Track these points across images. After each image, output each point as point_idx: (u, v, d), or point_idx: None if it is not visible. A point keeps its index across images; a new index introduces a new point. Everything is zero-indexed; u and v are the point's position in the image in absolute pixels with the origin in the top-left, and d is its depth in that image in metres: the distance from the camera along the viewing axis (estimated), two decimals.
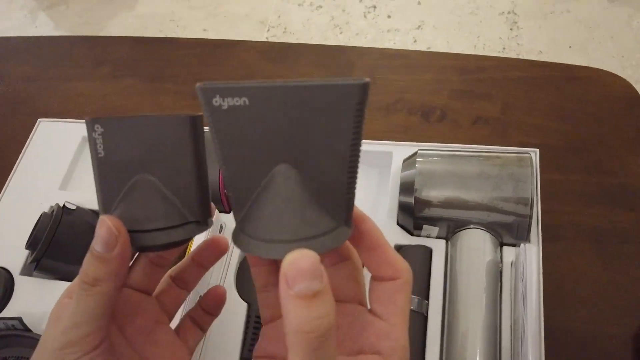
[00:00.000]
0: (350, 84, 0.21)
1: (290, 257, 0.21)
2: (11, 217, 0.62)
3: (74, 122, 0.69)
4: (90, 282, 0.25)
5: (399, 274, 0.27)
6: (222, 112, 0.23)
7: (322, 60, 0.76)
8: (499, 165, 0.51)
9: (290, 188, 0.24)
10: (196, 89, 0.23)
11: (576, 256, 0.54)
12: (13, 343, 0.51)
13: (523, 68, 0.70)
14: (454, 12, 1.72)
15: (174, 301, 0.33)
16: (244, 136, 0.23)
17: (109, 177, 0.27)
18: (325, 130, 0.23)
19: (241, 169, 0.24)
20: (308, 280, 0.21)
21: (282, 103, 0.22)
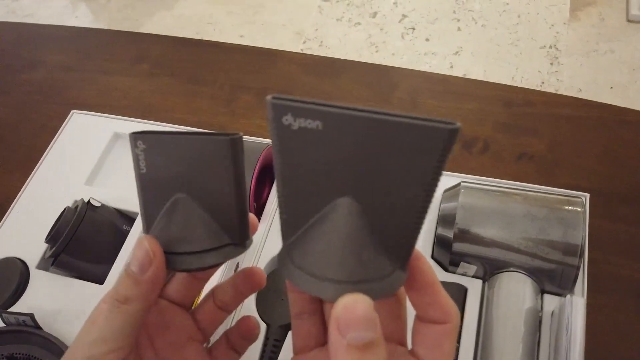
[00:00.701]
0: (440, 127, 0.19)
1: (344, 301, 0.20)
2: (34, 207, 0.61)
3: (107, 117, 0.68)
4: (121, 300, 0.25)
5: (448, 318, 0.25)
6: (291, 132, 0.21)
7: (364, 78, 0.74)
8: (548, 207, 0.48)
9: (351, 224, 0.22)
10: (266, 101, 0.20)
11: (619, 313, 0.51)
12: (22, 340, 0.50)
13: (573, 106, 0.67)
14: (494, 41, 1.70)
15: (212, 320, 0.32)
16: (310, 160, 0.21)
17: (151, 194, 0.27)
18: (402, 169, 0.21)
19: (300, 193, 0.23)
20: (362, 330, 0.19)
21: (360, 134, 0.20)
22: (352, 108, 0.20)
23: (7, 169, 0.71)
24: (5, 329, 0.50)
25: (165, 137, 0.25)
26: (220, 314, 0.32)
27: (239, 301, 0.33)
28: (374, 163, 0.21)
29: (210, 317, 0.32)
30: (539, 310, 0.47)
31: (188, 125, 0.67)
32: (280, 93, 0.21)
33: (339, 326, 0.19)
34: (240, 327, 0.33)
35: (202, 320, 0.32)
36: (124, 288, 0.26)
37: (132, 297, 0.25)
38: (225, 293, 0.32)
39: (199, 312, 0.32)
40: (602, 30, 1.67)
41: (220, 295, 0.32)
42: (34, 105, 0.77)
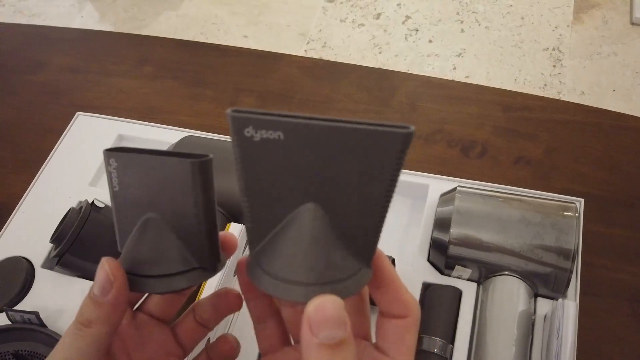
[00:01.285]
0: (394, 132, 0.20)
1: (316, 302, 0.20)
2: (39, 207, 0.62)
3: (111, 119, 0.69)
4: (83, 323, 0.25)
5: (409, 312, 0.26)
6: (252, 143, 0.22)
7: (365, 82, 0.75)
8: (542, 213, 0.49)
9: (316, 228, 0.23)
10: (226, 115, 0.21)
11: (612, 316, 0.52)
12: (27, 337, 0.51)
13: (571, 112, 0.68)
14: (497, 43, 1.70)
15: (192, 336, 0.32)
16: (273, 170, 0.22)
17: (123, 212, 0.26)
18: (362, 173, 0.22)
19: (264, 202, 0.23)
20: (333, 329, 0.20)
21: (320, 142, 0.21)
22: (311, 117, 0.21)
23: (13, 169, 0.73)
24: (11, 326, 0.51)
25: (135, 156, 0.25)
26: (201, 330, 0.32)
27: (218, 320, 0.32)
28: (335, 169, 0.22)
29: (190, 332, 0.32)
30: (532, 313, 0.48)
31: (191, 128, 0.68)
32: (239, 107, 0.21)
33: (311, 326, 0.20)
34: (220, 345, 0.33)
35: (182, 336, 0.32)
36: (86, 311, 0.25)
37: (94, 320, 0.25)
38: (205, 311, 0.32)
39: (179, 327, 0.32)
40: (605, 33, 1.67)
41: (200, 312, 0.32)
42: (40, 106, 0.79)
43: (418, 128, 0.68)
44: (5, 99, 0.81)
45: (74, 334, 0.25)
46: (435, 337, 0.47)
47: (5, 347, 0.51)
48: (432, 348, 0.47)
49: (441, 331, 0.48)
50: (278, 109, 0.73)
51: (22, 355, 0.50)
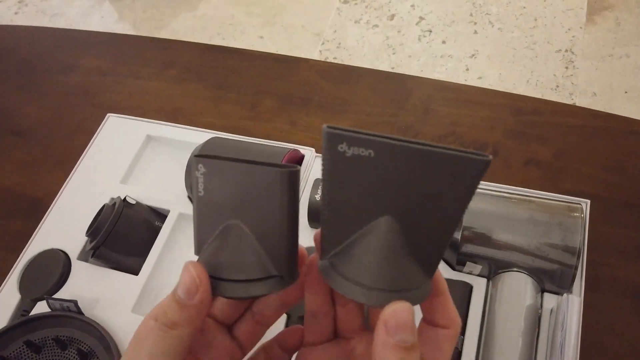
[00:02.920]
0: (475, 158, 0.22)
1: (394, 307, 0.23)
2: (74, 203, 0.66)
3: (140, 120, 0.73)
4: (168, 325, 0.26)
5: (452, 324, 0.28)
6: (344, 158, 0.23)
7: (380, 85, 0.78)
8: (549, 213, 0.52)
9: (392, 240, 0.25)
10: (322, 130, 0.23)
11: (615, 312, 0.54)
12: (66, 324, 0.55)
13: (581, 116, 0.70)
14: (510, 45, 1.72)
15: (251, 337, 0.33)
16: (358, 183, 0.24)
17: (205, 217, 0.27)
18: (440, 193, 0.23)
19: (344, 213, 0.25)
20: (407, 333, 0.23)
21: (407, 162, 0.23)
22: (399, 139, 0.23)
23: (47, 167, 0.77)
24: (51, 313, 0.55)
25: (225, 164, 0.26)
26: (260, 329, 0.33)
27: (281, 313, 0.33)
28: (416, 187, 0.24)
29: (249, 333, 0.32)
30: (538, 307, 0.51)
31: (215, 129, 0.71)
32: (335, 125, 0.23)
33: (388, 328, 0.23)
34: (286, 338, 0.33)
35: (240, 337, 0.32)
36: (171, 313, 0.26)
37: (179, 322, 0.26)
38: (266, 308, 0.32)
39: (238, 329, 0.32)
40: (618, 34, 1.68)
41: (260, 310, 0.32)
42: (70, 107, 0.83)
43: (431, 129, 0.71)
44: (38, 100, 0.85)
45: (157, 335, 0.26)
46: None
47: (46, 332, 0.55)
48: None
49: None
50: (297, 111, 0.76)
51: (61, 340, 0.54)
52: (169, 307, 0.26)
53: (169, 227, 0.61)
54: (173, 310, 0.26)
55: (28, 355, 0.53)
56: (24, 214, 0.72)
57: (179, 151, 0.69)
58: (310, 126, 0.75)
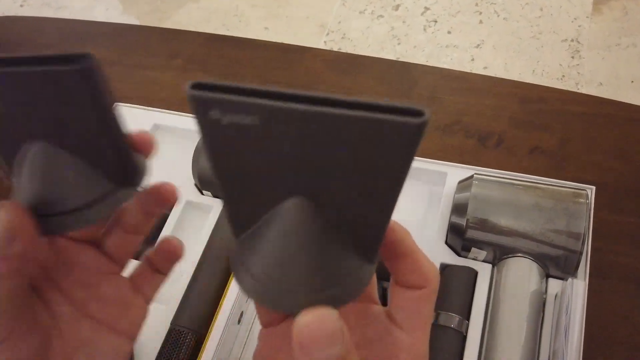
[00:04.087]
0: (405, 121, 0.16)
1: (304, 320, 0.18)
2: None
3: (147, 109, 0.74)
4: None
5: (427, 282, 0.24)
6: (220, 127, 0.17)
7: (385, 75, 0.78)
8: (554, 199, 0.52)
9: (305, 226, 0.19)
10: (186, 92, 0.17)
11: (620, 297, 0.55)
12: None
13: (586, 103, 0.70)
14: (515, 34, 1.71)
15: (124, 248, 0.29)
16: (248, 158, 0.18)
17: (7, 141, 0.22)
18: (363, 167, 0.18)
19: (241, 191, 0.20)
20: (328, 347, 0.17)
21: (307, 129, 0.17)
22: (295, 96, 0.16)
23: None
24: None
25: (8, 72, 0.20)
26: (132, 239, 0.29)
27: (150, 222, 0.29)
28: (327, 160, 0.18)
29: (121, 244, 0.29)
30: (543, 292, 0.51)
31: None
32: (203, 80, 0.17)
33: (302, 347, 0.17)
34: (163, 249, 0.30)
35: (112, 251, 0.28)
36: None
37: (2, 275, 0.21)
38: (133, 216, 0.28)
39: (107, 242, 0.29)
40: (625, 24, 1.67)
41: (127, 218, 0.28)
42: None
43: (437, 119, 0.72)
44: None
45: None
46: (452, 313, 0.51)
47: None
48: (449, 323, 0.50)
49: (458, 308, 0.51)
50: None
51: None
52: None
53: (176, 215, 0.62)
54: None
55: None
56: None
57: (186, 140, 0.70)
58: None
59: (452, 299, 0.52)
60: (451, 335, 0.50)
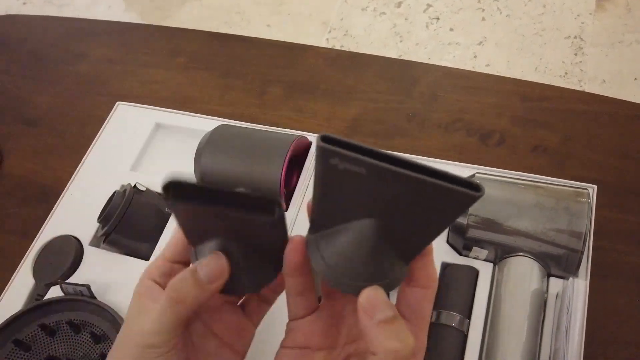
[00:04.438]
0: (467, 193, 0.23)
1: (365, 294, 0.26)
2: (85, 190, 0.68)
3: (149, 108, 0.74)
4: (176, 300, 0.29)
5: (431, 284, 0.30)
6: (335, 170, 0.24)
7: (387, 72, 0.78)
8: (556, 198, 0.52)
9: (373, 238, 0.26)
10: (316, 142, 0.23)
11: (622, 297, 0.55)
12: (79, 308, 0.56)
13: (587, 102, 0.70)
14: (518, 32, 1.70)
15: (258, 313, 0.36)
16: (347, 191, 0.25)
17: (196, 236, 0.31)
18: (426, 214, 0.25)
19: (332, 208, 0.27)
20: (384, 310, 0.26)
21: (396, 184, 0.24)
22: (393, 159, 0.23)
23: (58, 154, 0.78)
24: (65, 298, 0.56)
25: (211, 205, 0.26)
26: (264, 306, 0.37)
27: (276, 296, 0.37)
28: (403, 204, 0.25)
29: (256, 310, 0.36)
30: (544, 292, 0.51)
31: (223, 117, 0.72)
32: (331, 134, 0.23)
33: (367, 312, 0.26)
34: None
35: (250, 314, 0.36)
36: (185, 289, 0.29)
37: (190, 300, 0.29)
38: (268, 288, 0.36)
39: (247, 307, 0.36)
40: (628, 21, 1.66)
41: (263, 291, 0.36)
42: (80, 96, 0.84)
43: (438, 116, 0.71)
44: (49, 89, 0.86)
45: (164, 306, 0.29)
46: (453, 312, 0.51)
47: (59, 316, 0.56)
48: (451, 322, 0.50)
49: (459, 307, 0.52)
50: (304, 98, 0.77)
51: (75, 324, 0.55)
52: (183, 282, 0.29)
53: None
54: (188, 287, 0.29)
55: (43, 338, 0.55)
56: (36, 202, 0.73)
57: (188, 138, 0.70)
58: (317, 114, 0.75)
59: (453, 297, 0.52)
60: (452, 334, 0.50)
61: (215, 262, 0.29)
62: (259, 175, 0.60)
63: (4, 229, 0.71)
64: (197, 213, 0.27)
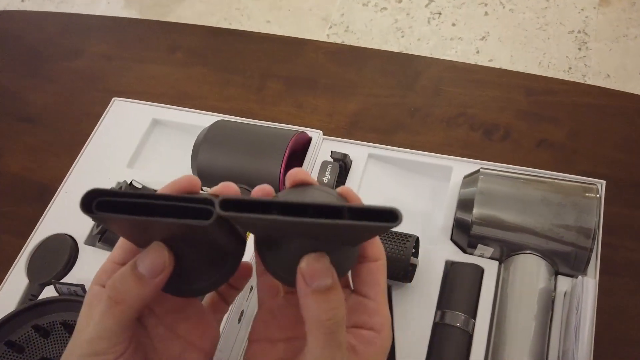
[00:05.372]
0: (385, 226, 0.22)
1: (306, 259, 0.25)
2: (81, 188, 0.65)
3: (146, 104, 0.72)
4: (117, 299, 0.26)
5: (380, 254, 0.30)
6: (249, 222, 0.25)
7: (389, 66, 0.76)
8: (563, 193, 0.50)
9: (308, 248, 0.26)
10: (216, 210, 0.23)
11: (631, 295, 0.53)
12: (73, 308, 0.55)
13: (594, 95, 0.68)
14: (521, 26, 1.68)
15: (218, 309, 0.35)
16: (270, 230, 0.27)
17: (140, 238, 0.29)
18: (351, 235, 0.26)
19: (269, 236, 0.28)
20: (322, 277, 0.25)
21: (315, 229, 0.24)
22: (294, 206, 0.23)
23: (54, 152, 0.76)
24: (59, 298, 0.55)
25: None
26: (223, 305, 0.35)
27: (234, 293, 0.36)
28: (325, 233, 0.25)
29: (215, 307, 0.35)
30: (552, 290, 0.50)
31: (221, 112, 0.70)
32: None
33: (305, 279, 0.25)
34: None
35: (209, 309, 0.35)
36: (124, 287, 0.26)
37: (131, 298, 0.26)
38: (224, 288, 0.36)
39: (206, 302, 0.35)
40: (633, 14, 1.64)
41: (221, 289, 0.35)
42: (76, 92, 0.82)
43: (441, 111, 0.70)
44: (44, 86, 0.84)
45: (104, 310, 0.26)
46: (458, 311, 0.49)
47: (53, 317, 0.55)
48: (455, 322, 0.49)
49: (464, 306, 0.50)
50: (304, 94, 0.75)
51: (69, 325, 0.54)
52: (121, 280, 0.26)
53: None
54: (127, 285, 0.26)
55: (36, 339, 0.53)
56: (32, 199, 0.72)
57: (185, 134, 0.68)
58: (316, 109, 0.73)
59: (457, 297, 0.51)
60: (457, 335, 0.49)
61: (156, 253, 0.26)
62: (258, 171, 0.58)
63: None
64: (129, 225, 0.25)
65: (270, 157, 0.58)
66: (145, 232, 0.27)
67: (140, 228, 0.26)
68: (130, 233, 0.28)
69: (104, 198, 0.24)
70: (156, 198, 0.24)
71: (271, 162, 0.57)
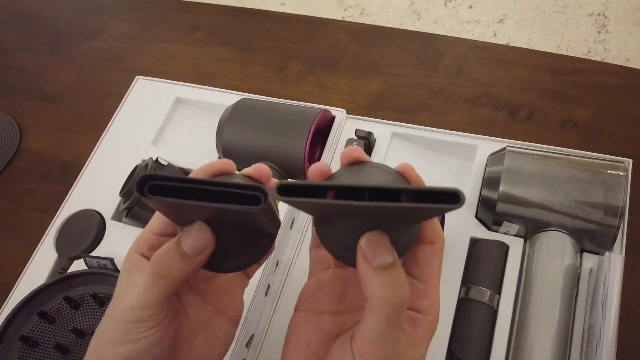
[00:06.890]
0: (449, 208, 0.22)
1: (367, 237, 0.25)
2: (106, 165, 0.67)
3: (168, 82, 0.73)
4: (161, 274, 0.28)
5: (438, 239, 0.29)
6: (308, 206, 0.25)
7: (409, 46, 0.76)
8: (591, 171, 0.50)
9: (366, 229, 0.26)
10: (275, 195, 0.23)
11: None
12: (103, 281, 0.56)
13: (620, 75, 0.68)
14: (540, 9, 1.66)
15: (241, 283, 0.36)
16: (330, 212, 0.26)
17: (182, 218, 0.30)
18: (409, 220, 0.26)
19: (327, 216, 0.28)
20: (383, 255, 0.25)
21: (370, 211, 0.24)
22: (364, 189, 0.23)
23: (76, 130, 0.77)
24: (89, 271, 0.56)
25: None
26: (245, 279, 0.36)
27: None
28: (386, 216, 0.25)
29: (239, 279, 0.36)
30: (577, 267, 0.50)
31: (242, 91, 0.70)
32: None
33: (366, 256, 0.25)
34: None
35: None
36: (168, 263, 0.28)
37: (175, 273, 0.28)
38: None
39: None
40: None
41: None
42: (98, 71, 0.83)
43: (465, 91, 0.69)
44: (66, 66, 0.85)
45: (147, 281, 0.28)
46: (483, 287, 0.50)
47: (84, 289, 0.56)
48: (481, 297, 0.49)
49: (489, 282, 0.50)
50: (325, 73, 0.75)
51: (99, 297, 0.55)
52: (166, 256, 0.28)
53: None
54: (171, 261, 0.28)
55: (67, 310, 0.55)
56: (56, 177, 0.73)
57: (208, 113, 0.69)
58: (338, 88, 0.73)
59: (483, 273, 0.51)
60: (482, 310, 0.49)
61: (199, 234, 0.28)
62: (283, 149, 0.58)
63: (24, 205, 0.71)
64: (176, 207, 0.26)
65: (295, 134, 0.58)
66: (188, 212, 0.28)
67: (185, 209, 0.27)
68: (174, 213, 0.29)
69: (155, 182, 0.25)
70: (209, 184, 0.25)
71: (296, 140, 0.58)
